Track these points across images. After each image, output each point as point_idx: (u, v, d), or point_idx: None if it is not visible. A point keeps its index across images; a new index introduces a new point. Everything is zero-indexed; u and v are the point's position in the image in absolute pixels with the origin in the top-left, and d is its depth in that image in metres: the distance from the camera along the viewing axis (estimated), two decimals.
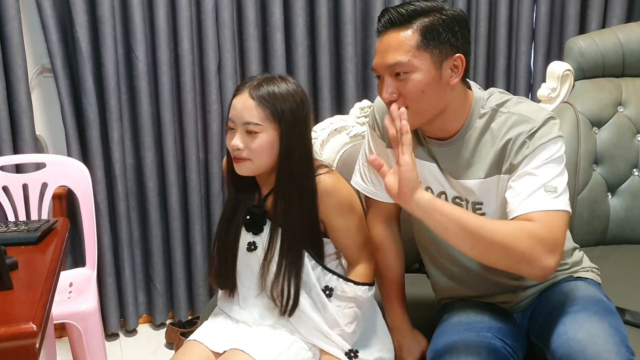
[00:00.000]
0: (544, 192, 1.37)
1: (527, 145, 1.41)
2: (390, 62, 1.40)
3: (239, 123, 1.53)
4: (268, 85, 1.53)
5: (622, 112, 2.36)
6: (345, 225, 1.62)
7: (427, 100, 1.41)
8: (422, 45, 1.38)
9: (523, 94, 3.04)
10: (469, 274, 1.63)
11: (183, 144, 2.78)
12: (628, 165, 2.35)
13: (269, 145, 1.53)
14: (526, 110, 1.45)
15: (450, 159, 1.52)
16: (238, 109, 1.53)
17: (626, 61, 2.39)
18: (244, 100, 1.52)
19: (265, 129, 1.51)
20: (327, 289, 1.61)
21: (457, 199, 1.55)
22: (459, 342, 1.47)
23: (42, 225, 1.64)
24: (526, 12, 2.97)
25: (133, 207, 2.82)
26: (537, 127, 1.41)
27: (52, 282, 1.32)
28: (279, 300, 1.58)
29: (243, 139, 1.53)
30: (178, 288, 2.89)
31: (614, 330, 1.37)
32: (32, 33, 2.66)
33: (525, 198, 1.37)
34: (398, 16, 1.39)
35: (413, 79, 1.39)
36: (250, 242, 1.63)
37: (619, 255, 2.25)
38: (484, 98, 1.50)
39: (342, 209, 1.60)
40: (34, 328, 1.09)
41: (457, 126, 1.49)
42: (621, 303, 1.82)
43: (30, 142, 2.58)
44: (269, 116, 1.51)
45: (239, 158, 1.54)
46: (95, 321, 2.20)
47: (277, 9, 2.70)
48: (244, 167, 1.55)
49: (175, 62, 2.71)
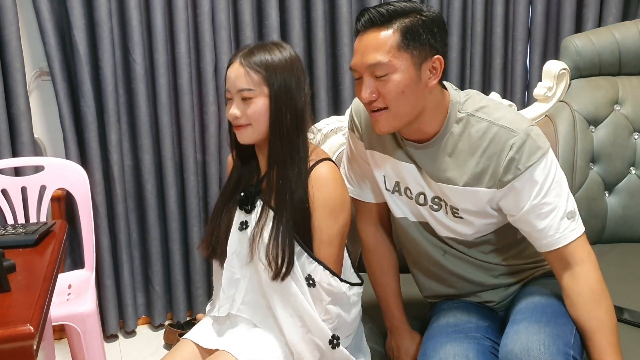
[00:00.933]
0: (567, 220, 1.43)
1: (516, 162, 1.40)
2: (371, 62, 1.39)
3: (234, 92, 1.54)
4: (259, 52, 1.54)
5: (618, 111, 2.36)
6: (319, 226, 1.56)
7: (406, 101, 1.41)
8: (402, 46, 1.38)
9: (519, 93, 3.05)
10: (448, 273, 1.64)
11: (181, 145, 2.78)
12: (625, 164, 2.36)
13: (264, 109, 1.53)
14: (507, 119, 1.43)
15: (428, 162, 1.52)
16: (232, 78, 1.55)
17: (622, 60, 2.40)
18: (235, 68, 1.54)
19: (259, 94, 1.53)
20: (310, 279, 1.55)
21: (435, 198, 1.55)
22: (447, 345, 1.47)
23: (40, 228, 1.65)
24: (522, 12, 2.97)
25: (131, 209, 2.83)
26: (523, 141, 1.40)
27: (49, 284, 1.32)
28: (274, 263, 1.53)
29: (240, 107, 1.54)
30: (177, 289, 2.90)
31: (553, 339, 1.37)
32: (30, 37, 2.67)
33: (555, 232, 1.43)
34: (378, 16, 1.39)
35: (393, 79, 1.39)
36: (242, 221, 1.62)
37: (617, 253, 2.25)
38: (460, 102, 1.49)
39: (325, 209, 1.55)
40: (31, 330, 1.09)
41: (434, 129, 1.48)
42: (619, 302, 1.82)
43: (28, 145, 2.59)
44: (260, 81, 1.52)
45: (239, 125, 1.56)
46: (94, 323, 2.20)
47: (273, 11, 2.71)
48: (246, 134, 1.56)
49: (172, 65, 2.71)
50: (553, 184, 1.42)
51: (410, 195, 1.59)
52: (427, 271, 1.69)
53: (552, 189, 1.42)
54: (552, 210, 1.42)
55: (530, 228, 1.45)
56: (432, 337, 1.54)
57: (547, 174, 1.41)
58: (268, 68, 1.52)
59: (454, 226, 1.56)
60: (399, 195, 1.62)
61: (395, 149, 1.57)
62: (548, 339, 1.36)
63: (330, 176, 1.56)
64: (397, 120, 1.44)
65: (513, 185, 1.42)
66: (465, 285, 1.63)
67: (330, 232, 1.56)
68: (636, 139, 2.36)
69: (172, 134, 2.75)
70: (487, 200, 1.47)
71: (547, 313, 1.45)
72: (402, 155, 1.56)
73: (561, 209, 1.42)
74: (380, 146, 1.60)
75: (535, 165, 1.40)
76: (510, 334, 1.41)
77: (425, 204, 1.57)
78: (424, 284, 1.73)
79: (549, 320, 1.42)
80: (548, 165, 1.41)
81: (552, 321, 1.42)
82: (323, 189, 1.55)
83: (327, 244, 1.57)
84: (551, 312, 1.46)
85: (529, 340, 1.36)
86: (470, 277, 1.61)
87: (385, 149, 1.59)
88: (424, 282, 1.72)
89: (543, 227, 1.43)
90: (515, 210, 1.45)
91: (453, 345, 1.46)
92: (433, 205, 1.56)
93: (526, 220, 1.45)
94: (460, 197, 1.50)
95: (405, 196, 1.61)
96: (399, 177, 1.59)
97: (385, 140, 1.58)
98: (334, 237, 1.57)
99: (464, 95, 1.51)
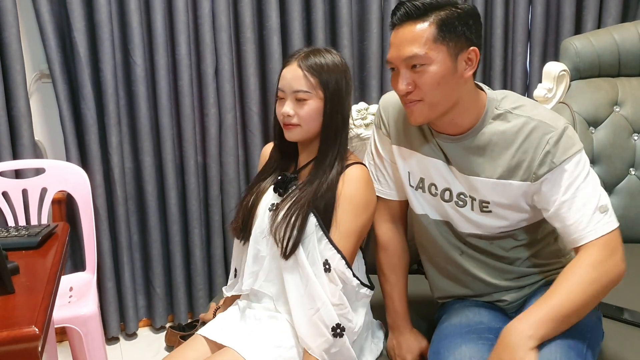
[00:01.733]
0: (599, 214, 1.42)
1: (551, 155, 1.43)
2: (407, 54, 1.42)
3: (289, 92, 1.62)
4: (315, 57, 1.62)
5: (618, 112, 2.37)
6: (341, 219, 1.62)
7: (441, 92, 1.43)
8: (438, 38, 1.40)
9: (519, 94, 3.04)
10: (464, 273, 1.65)
11: (181, 147, 2.79)
12: (625, 165, 2.36)
13: (316, 112, 1.61)
14: (544, 116, 1.47)
15: (460, 154, 1.53)
16: (288, 79, 1.62)
17: (622, 61, 2.41)
18: (293, 70, 1.62)
19: (313, 97, 1.60)
20: (327, 263, 1.60)
21: (461, 195, 1.56)
22: (463, 346, 1.47)
23: (43, 230, 1.65)
24: (522, 13, 2.98)
25: (132, 212, 2.83)
26: (559, 136, 1.43)
27: (53, 286, 1.32)
28: (280, 242, 1.60)
29: (293, 107, 1.62)
30: (177, 291, 2.90)
31: (565, 351, 1.36)
32: (30, 39, 2.67)
33: (587, 225, 1.41)
34: (414, 9, 1.41)
35: (429, 71, 1.41)
36: (273, 203, 1.67)
37: None
38: (497, 99, 1.52)
39: (349, 204, 1.62)
40: (36, 331, 1.09)
41: (469, 122, 1.51)
42: (619, 302, 1.84)
43: (29, 147, 2.59)
44: (316, 85, 1.60)
45: (290, 124, 1.63)
46: (96, 325, 2.20)
47: (273, 12, 2.71)
48: (294, 133, 1.64)
49: (172, 66, 2.72)
50: (587, 178, 1.43)
51: (434, 192, 1.61)
52: (443, 270, 1.70)
53: (585, 184, 1.43)
54: (585, 204, 1.42)
55: (562, 223, 1.45)
56: (446, 336, 1.54)
57: (581, 169, 1.43)
58: (324, 72, 1.61)
59: (480, 221, 1.57)
60: (422, 192, 1.64)
61: (422, 145, 1.59)
62: (560, 351, 1.35)
63: (360, 176, 1.64)
64: (432, 111, 1.47)
65: (547, 178, 1.44)
66: (480, 286, 1.63)
67: (349, 226, 1.62)
68: (636, 140, 2.36)
69: (172, 136, 2.75)
70: (521, 194, 1.49)
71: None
72: (430, 150, 1.58)
73: (593, 203, 1.42)
74: (407, 142, 1.63)
75: (569, 159, 1.42)
76: None
77: (450, 200, 1.59)
78: (438, 283, 1.73)
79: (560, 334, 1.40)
80: (582, 162, 1.44)
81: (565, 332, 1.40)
82: (352, 185, 1.62)
83: (344, 237, 1.62)
84: None
85: (541, 353, 1.35)
86: (486, 278, 1.62)
87: (412, 145, 1.62)
88: (437, 281, 1.73)
89: (574, 220, 1.43)
90: (549, 204, 1.46)
91: (468, 347, 1.46)
92: (458, 201, 1.57)
93: (559, 215, 1.45)
94: (492, 190, 1.51)
95: (428, 193, 1.62)
96: (424, 174, 1.62)
97: (413, 136, 1.61)
98: (351, 232, 1.62)
99: (501, 94, 1.55)
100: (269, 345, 1.59)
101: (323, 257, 1.60)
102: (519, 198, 1.50)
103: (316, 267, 1.59)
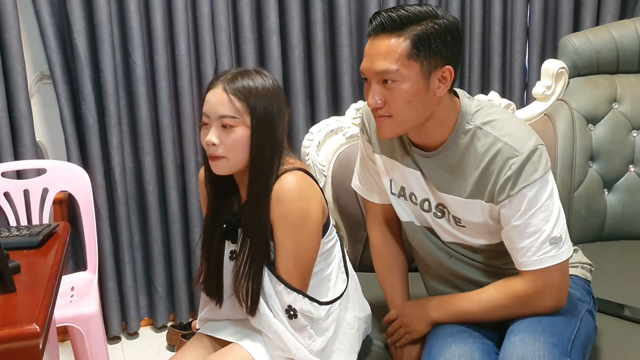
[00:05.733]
0: (549, 245, 1.41)
1: (512, 181, 1.40)
2: (379, 68, 1.38)
3: (214, 117, 1.47)
4: (242, 79, 1.48)
5: (617, 109, 2.37)
6: (283, 242, 1.50)
7: (412, 110, 1.40)
8: (412, 55, 1.36)
9: (518, 92, 3.06)
10: (453, 276, 1.64)
11: (182, 147, 2.79)
12: (624, 161, 2.37)
13: (244, 140, 1.47)
14: (513, 136, 1.42)
15: (433, 170, 1.52)
16: (212, 103, 1.48)
17: (620, 58, 2.41)
18: (218, 93, 1.47)
19: (241, 123, 1.46)
20: (290, 309, 1.51)
21: (439, 206, 1.55)
22: (453, 346, 1.47)
23: (44, 230, 1.66)
24: (520, 11, 2.98)
25: (133, 211, 2.84)
26: (523, 162, 1.39)
27: (54, 285, 1.34)
28: (243, 301, 1.53)
29: (218, 134, 1.47)
30: (179, 290, 2.90)
31: (548, 349, 1.37)
32: (31, 40, 2.68)
33: (533, 254, 1.42)
34: (390, 21, 1.36)
35: (400, 88, 1.37)
36: (232, 250, 1.60)
37: (617, 251, 2.26)
38: (470, 113, 1.47)
39: (283, 224, 1.49)
40: (37, 329, 1.11)
41: (442, 136, 1.47)
42: (620, 299, 1.84)
43: (30, 148, 2.60)
44: (243, 110, 1.46)
45: (215, 156, 1.48)
46: (97, 324, 2.21)
47: (272, 12, 2.72)
48: (219, 166, 1.50)
49: (172, 67, 2.72)
50: (542, 207, 1.40)
51: (415, 201, 1.60)
52: (434, 273, 1.69)
53: (540, 212, 1.40)
54: (535, 232, 1.41)
55: (512, 244, 1.46)
56: (437, 337, 1.53)
57: (538, 197, 1.40)
58: (252, 97, 1.47)
59: (457, 234, 1.56)
60: (404, 199, 1.62)
61: (403, 155, 1.57)
62: (543, 349, 1.36)
63: (288, 189, 1.48)
64: (400, 127, 1.44)
65: (505, 204, 1.42)
66: (471, 287, 1.63)
67: (294, 247, 1.50)
68: (635, 136, 2.37)
69: (173, 135, 2.76)
70: (488, 213, 1.48)
71: (543, 322, 1.45)
72: (409, 161, 1.56)
73: (544, 233, 1.41)
74: (389, 151, 1.60)
75: (528, 187, 1.39)
76: (507, 347, 1.41)
77: (429, 210, 1.58)
78: (431, 285, 1.73)
79: (544, 329, 1.42)
80: (542, 190, 1.40)
81: (548, 330, 1.42)
82: (281, 203, 1.48)
83: (291, 261, 1.51)
84: (547, 320, 1.45)
85: (524, 352, 1.36)
86: (476, 278, 1.61)
87: (393, 154, 1.59)
88: (430, 283, 1.73)
89: (522, 246, 1.43)
90: (505, 224, 1.46)
91: (458, 346, 1.46)
92: (437, 212, 1.56)
93: (509, 236, 1.46)
94: (462, 209, 1.50)
95: (410, 201, 1.61)
96: (404, 183, 1.59)
97: (394, 146, 1.58)
98: (296, 253, 1.51)
99: (476, 105, 1.49)
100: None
101: (284, 303, 1.51)
102: (487, 218, 1.49)
103: (279, 318, 1.52)
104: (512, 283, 1.48)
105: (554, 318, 1.47)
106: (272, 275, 1.52)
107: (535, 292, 1.45)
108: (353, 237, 2.21)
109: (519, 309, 1.48)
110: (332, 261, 1.65)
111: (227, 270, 1.61)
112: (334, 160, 2.20)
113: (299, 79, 2.80)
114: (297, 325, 1.53)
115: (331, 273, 1.64)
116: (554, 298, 1.46)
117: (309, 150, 2.18)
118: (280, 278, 1.51)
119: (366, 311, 1.74)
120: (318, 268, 1.60)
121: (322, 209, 1.55)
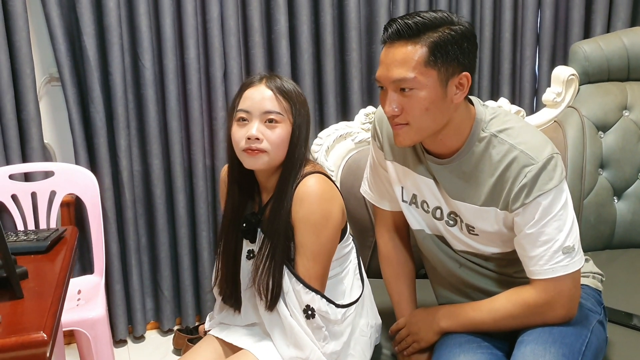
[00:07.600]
0: (561, 255, 1.41)
1: (527, 190, 1.39)
2: (396, 77, 1.37)
3: (257, 113, 1.50)
4: (282, 81, 1.54)
5: (627, 116, 2.36)
6: (302, 242, 1.52)
7: (429, 117, 1.39)
8: (429, 62, 1.35)
9: (528, 98, 3.05)
10: (463, 284, 1.64)
11: (190, 151, 2.79)
12: (634, 169, 2.35)
13: (287, 137, 1.51)
14: (529, 144, 1.41)
15: (447, 178, 1.51)
16: (256, 99, 1.51)
17: (631, 65, 2.40)
18: (261, 91, 1.51)
19: (285, 120, 1.51)
20: (308, 309, 1.52)
21: (452, 214, 1.55)
22: (461, 356, 1.47)
23: (52, 235, 1.65)
24: (530, 17, 2.97)
25: (140, 214, 2.84)
26: (539, 170, 1.39)
27: (61, 291, 1.33)
28: (263, 295, 1.54)
29: (262, 129, 1.50)
30: (185, 294, 2.90)
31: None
32: (40, 43, 2.68)
33: (545, 263, 1.41)
34: (406, 29, 1.35)
35: (418, 95, 1.36)
36: (250, 249, 1.61)
37: (626, 259, 2.25)
38: (485, 120, 1.46)
39: (306, 225, 1.51)
40: (44, 337, 1.10)
41: (456, 144, 1.47)
42: (629, 307, 1.83)
43: (38, 150, 2.60)
44: (287, 109, 1.51)
45: (256, 149, 1.50)
46: (104, 328, 2.21)
47: (282, 17, 2.71)
48: (260, 160, 1.51)
49: (181, 70, 2.72)
50: (556, 216, 1.40)
51: (426, 209, 1.59)
52: (444, 281, 1.68)
53: (554, 221, 1.40)
54: (548, 241, 1.40)
55: (524, 252, 1.45)
56: (445, 346, 1.53)
57: (553, 206, 1.40)
58: (293, 97, 1.52)
59: (469, 242, 1.55)
60: (416, 207, 1.62)
61: (415, 163, 1.56)
62: None
63: (311, 191, 1.50)
64: (418, 135, 1.43)
65: (519, 212, 1.42)
66: (481, 296, 1.62)
67: (314, 248, 1.52)
68: None
69: (181, 139, 2.76)
70: (502, 221, 1.47)
71: (554, 333, 1.44)
72: (422, 169, 1.55)
73: (557, 242, 1.40)
74: (401, 158, 1.59)
75: (543, 195, 1.39)
76: (517, 357, 1.41)
77: (441, 218, 1.57)
78: (441, 293, 1.72)
79: (555, 340, 1.41)
80: (556, 199, 1.40)
81: (559, 341, 1.41)
82: (304, 204, 1.50)
83: (311, 261, 1.52)
84: (558, 331, 1.45)
85: None
86: (487, 287, 1.60)
87: (405, 162, 1.58)
88: (440, 291, 1.72)
89: (535, 254, 1.42)
90: (518, 232, 1.45)
91: (467, 356, 1.46)
92: (449, 220, 1.55)
93: (521, 244, 1.45)
94: (476, 217, 1.49)
95: (421, 209, 1.60)
96: (416, 190, 1.59)
97: (406, 153, 1.58)
98: (317, 254, 1.52)
99: (490, 113, 1.48)
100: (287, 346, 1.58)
101: (302, 303, 1.52)
102: (501, 226, 1.48)
103: (296, 317, 1.53)
104: (523, 292, 1.47)
105: (564, 329, 1.46)
106: (291, 274, 1.54)
107: (546, 302, 1.44)
108: (361, 243, 2.20)
109: (529, 319, 1.47)
110: (348, 266, 1.66)
111: (244, 271, 1.62)
112: (343, 165, 2.20)
113: (308, 83, 2.80)
114: (314, 326, 1.54)
115: (347, 277, 1.65)
116: (565, 308, 1.45)
117: (317, 155, 2.18)
118: (299, 277, 1.53)
119: (378, 320, 1.74)
120: (334, 272, 1.61)
121: (342, 213, 1.58)
